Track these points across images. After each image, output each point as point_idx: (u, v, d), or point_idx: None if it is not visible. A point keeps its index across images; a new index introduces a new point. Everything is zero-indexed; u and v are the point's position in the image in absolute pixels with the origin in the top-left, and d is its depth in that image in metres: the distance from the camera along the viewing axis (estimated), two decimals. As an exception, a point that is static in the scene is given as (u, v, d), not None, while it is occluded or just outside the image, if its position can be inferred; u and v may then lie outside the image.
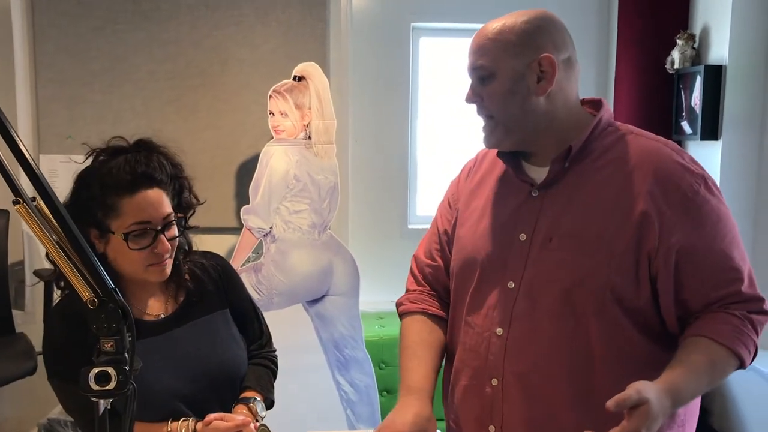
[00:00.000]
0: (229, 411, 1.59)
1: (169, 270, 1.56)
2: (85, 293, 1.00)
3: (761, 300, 1.35)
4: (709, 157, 3.27)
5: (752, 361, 1.33)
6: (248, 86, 3.28)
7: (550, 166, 1.39)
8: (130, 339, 1.02)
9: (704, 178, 1.34)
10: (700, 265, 1.31)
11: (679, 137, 3.43)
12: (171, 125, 3.26)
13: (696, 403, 1.42)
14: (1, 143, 1.03)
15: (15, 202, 1.02)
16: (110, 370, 0.96)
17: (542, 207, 1.39)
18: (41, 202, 1.04)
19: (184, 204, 1.61)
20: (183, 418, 1.52)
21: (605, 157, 1.37)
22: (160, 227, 1.50)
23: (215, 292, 1.68)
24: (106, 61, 3.22)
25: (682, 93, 3.39)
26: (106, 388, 0.96)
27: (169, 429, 1.50)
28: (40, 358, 2.86)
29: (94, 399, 0.99)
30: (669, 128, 3.48)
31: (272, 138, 2.91)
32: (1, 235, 3.04)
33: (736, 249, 1.34)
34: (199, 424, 1.50)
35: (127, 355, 1.01)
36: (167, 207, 1.52)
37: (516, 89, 1.35)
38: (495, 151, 1.49)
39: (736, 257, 1.33)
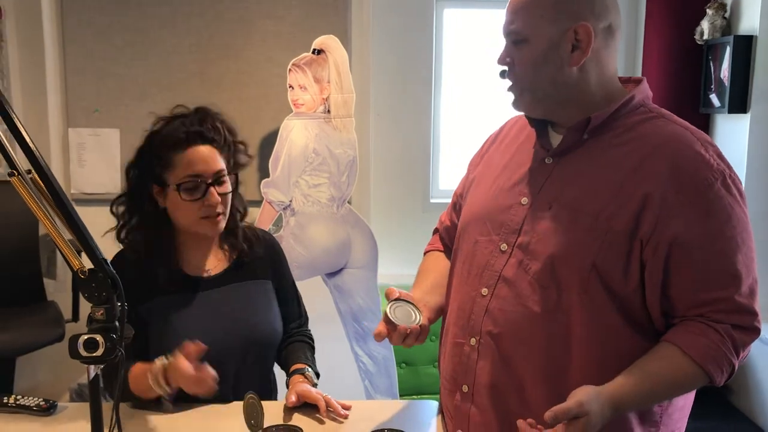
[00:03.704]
0: (253, 373, 1.68)
1: (222, 226, 1.67)
2: (75, 263, 1.04)
3: (754, 314, 1.25)
4: (737, 130, 3.19)
5: (726, 380, 1.25)
6: (271, 59, 3.29)
7: (565, 134, 1.34)
8: (121, 308, 1.06)
9: (724, 175, 1.25)
10: (694, 261, 1.23)
11: (707, 110, 3.35)
12: (196, 98, 3.24)
13: (676, 404, 1.35)
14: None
15: (10, 174, 1.06)
16: (98, 337, 1.00)
17: (552, 174, 1.35)
18: (36, 176, 1.08)
19: (239, 164, 1.73)
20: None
21: (627, 135, 1.31)
22: (210, 181, 1.62)
23: (263, 262, 1.78)
24: (130, 34, 3.26)
25: (711, 65, 3.30)
26: (94, 354, 1.00)
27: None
28: (68, 326, 2.95)
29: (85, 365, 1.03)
30: (697, 101, 3.40)
31: (292, 111, 2.93)
32: (31, 206, 3.12)
33: (741, 255, 1.24)
34: (171, 359, 1.52)
35: (117, 323, 1.05)
36: (219, 164, 1.65)
37: (548, 58, 1.30)
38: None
39: (738, 262, 1.23)
